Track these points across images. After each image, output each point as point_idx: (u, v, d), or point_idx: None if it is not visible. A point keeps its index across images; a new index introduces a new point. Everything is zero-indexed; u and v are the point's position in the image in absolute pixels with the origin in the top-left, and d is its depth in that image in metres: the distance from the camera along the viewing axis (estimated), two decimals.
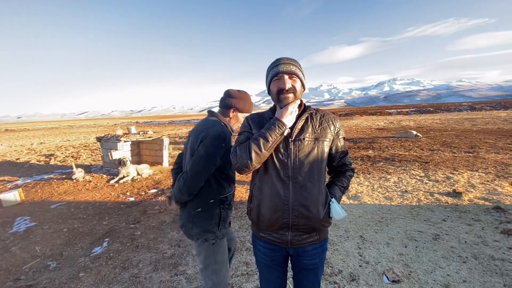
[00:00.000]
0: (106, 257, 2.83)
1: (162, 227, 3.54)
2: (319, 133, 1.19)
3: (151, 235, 3.33)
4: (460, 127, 14.36)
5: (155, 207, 4.29)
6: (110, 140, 7.01)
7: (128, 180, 6.13)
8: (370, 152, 8.16)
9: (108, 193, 5.24)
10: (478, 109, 32.69)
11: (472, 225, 3.12)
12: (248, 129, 1.25)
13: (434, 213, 3.52)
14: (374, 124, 19.73)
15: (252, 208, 1.25)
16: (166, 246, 3.03)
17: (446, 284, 2.14)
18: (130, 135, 7.04)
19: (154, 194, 5.04)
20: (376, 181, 5.18)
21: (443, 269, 2.33)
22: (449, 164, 6.05)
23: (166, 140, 7.53)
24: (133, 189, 5.50)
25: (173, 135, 19.80)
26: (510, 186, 4.41)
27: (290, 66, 1.16)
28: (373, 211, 3.72)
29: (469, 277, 2.20)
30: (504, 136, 10.11)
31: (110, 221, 3.84)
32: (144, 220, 3.80)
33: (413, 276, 2.26)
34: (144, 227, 3.55)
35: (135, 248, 3.01)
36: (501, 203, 3.66)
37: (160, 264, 2.65)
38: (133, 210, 4.22)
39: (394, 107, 61.11)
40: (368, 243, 2.84)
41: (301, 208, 1.14)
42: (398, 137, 11.26)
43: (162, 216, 3.90)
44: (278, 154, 1.15)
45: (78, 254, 2.93)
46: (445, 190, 4.36)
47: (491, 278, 2.17)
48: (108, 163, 7.19)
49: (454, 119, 20.78)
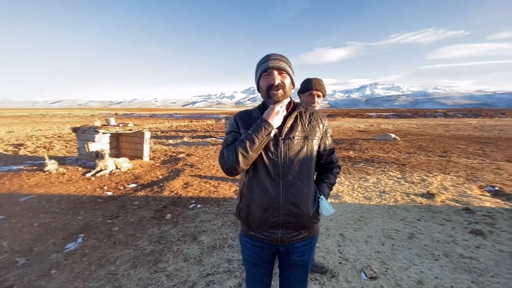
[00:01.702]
0: (80, 253, 2.70)
1: (142, 223, 3.43)
2: (308, 131, 1.20)
3: (129, 231, 3.21)
4: (434, 132, 15.13)
5: (135, 202, 4.15)
6: (87, 131, 6.69)
7: (106, 174, 5.89)
8: (351, 153, 8.39)
9: (83, 187, 5.00)
10: (451, 116, 34.61)
11: (444, 225, 3.30)
12: (236, 129, 1.22)
13: (409, 213, 3.68)
14: (355, 126, 20.32)
15: (242, 207, 1.23)
16: (145, 242, 2.94)
17: (420, 280, 2.25)
18: (109, 127, 6.75)
19: (134, 189, 4.87)
20: (356, 181, 5.33)
21: (417, 266, 2.44)
22: (424, 167, 6.35)
23: (148, 133, 7.31)
24: (111, 183, 5.28)
25: (154, 129, 19.28)
26: (478, 189, 4.70)
27: (280, 62, 1.15)
28: (353, 210, 3.83)
29: (440, 274, 2.32)
30: (474, 142, 10.78)
31: (85, 216, 3.66)
32: (123, 215, 3.67)
33: (389, 273, 2.35)
34: (122, 223, 3.42)
35: (113, 245, 2.90)
36: (470, 205, 3.90)
37: (139, 261, 2.56)
38: (111, 205, 4.05)
39: (374, 110, 63.33)
40: (347, 241, 2.92)
41: (292, 206, 1.14)
42: (377, 139, 11.66)
43: (142, 211, 3.78)
44: (268, 153, 1.14)
45: (50, 250, 2.77)
46: (420, 192, 4.57)
47: (460, 275, 2.30)
48: (84, 156, 6.86)
49: (430, 124, 21.86)
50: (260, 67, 1.18)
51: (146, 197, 4.40)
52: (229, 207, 3.91)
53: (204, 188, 4.84)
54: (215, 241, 2.93)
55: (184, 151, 8.96)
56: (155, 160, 7.47)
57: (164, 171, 6.21)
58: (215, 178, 5.54)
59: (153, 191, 4.66)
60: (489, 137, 12.48)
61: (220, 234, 3.10)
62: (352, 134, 14.39)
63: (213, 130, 18.05)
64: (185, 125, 24.25)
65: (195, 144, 10.75)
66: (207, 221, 3.45)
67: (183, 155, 8.07)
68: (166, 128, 20.02)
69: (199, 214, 3.69)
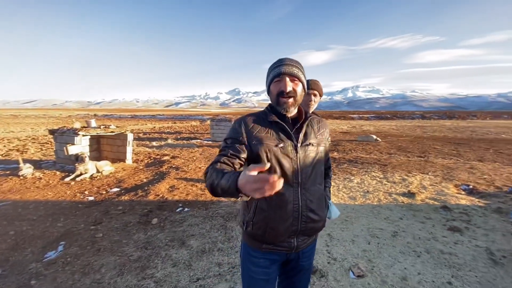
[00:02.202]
0: (62, 262, 2.57)
1: (127, 228, 3.33)
2: (320, 138, 1.23)
3: (114, 237, 3.11)
4: (413, 134, 15.81)
5: (118, 207, 4.02)
6: (66, 133, 6.40)
7: (87, 178, 5.65)
8: (336, 154, 8.59)
9: (62, 192, 4.78)
10: (428, 118, 36.33)
11: (425, 222, 3.46)
12: (239, 137, 1.12)
13: (392, 212, 3.82)
14: (339, 128, 20.82)
15: (257, 221, 1.13)
16: (132, 248, 2.85)
17: (404, 276, 2.34)
18: (90, 129, 6.50)
19: (117, 193, 4.71)
20: (341, 181, 5.46)
21: (401, 263, 2.54)
22: (404, 167, 6.62)
23: (130, 135, 7.10)
24: (92, 187, 5.08)
25: (136, 130, 18.77)
26: (454, 188, 4.97)
27: (293, 68, 1.12)
28: (339, 210, 3.92)
29: (423, 270, 2.43)
30: (449, 143, 11.38)
31: (66, 222, 3.50)
32: (106, 221, 3.54)
33: (375, 271, 2.43)
34: (106, 229, 3.30)
35: (97, 252, 2.79)
36: (448, 203, 4.11)
37: (125, 267, 2.49)
38: (93, 211, 3.90)
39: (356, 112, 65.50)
40: (335, 241, 2.99)
41: (311, 213, 1.14)
42: (360, 140, 12.02)
43: (127, 216, 3.67)
44: (287, 160, 1.10)
45: (29, 259, 2.62)
46: (401, 191, 4.76)
47: (441, 270, 2.43)
48: (62, 159, 6.55)
49: (408, 126, 22.82)
50: (272, 71, 1.15)
51: (130, 201, 4.28)
52: (218, 210, 3.89)
53: (191, 191, 4.77)
54: (204, 245, 2.90)
55: (169, 153, 8.79)
56: (139, 163, 7.27)
57: (148, 174, 6.06)
58: (202, 180, 5.48)
59: (137, 195, 4.53)
60: (462, 138, 13.22)
61: (209, 238, 3.07)
62: (336, 136, 14.73)
63: (198, 132, 17.83)
64: (168, 126, 23.78)
65: (180, 146, 10.57)
66: (195, 225, 3.41)
67: (168, 158, 7.92)
68: (149, 130, 19.53)
69: (187, 218, 3.64)
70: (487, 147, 10.08)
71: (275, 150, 1.10)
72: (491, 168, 6.62)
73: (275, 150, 1.10)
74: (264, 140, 1.11)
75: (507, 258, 2.59)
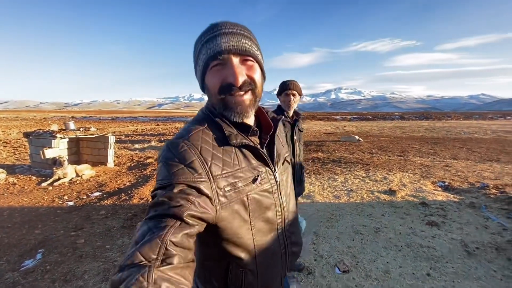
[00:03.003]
0: (41, 270, 2.46)
1: (111, 233, 3.23)
2: (286, 148, 0.93)
3: (97, 242, 3.01)
4: (393, 134, 16.43)
5: (101, 211, 3.89)
6: (43, 136, 6.11)
7: (65, 182, 5.43)
8: (320, 155, 8.76)
9: (39, 198, 4.56)
10: (406, 119, 37.87)
11: (405, 218, 3.61)
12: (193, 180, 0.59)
13: (375, 209, 3.96)
14: (323, 129, 21.24)
15: (240, 285, 0.73)
16: (116, 253, 2.77)
17: (386, 270, 2.44)
18: (68, 132, 6.25)
19: (99, 198, 4.56)
20: (325, 181, 5.59)
21: (383, 258, 2.64)
22: (385, 166, 6.87)
23: (112, 137, 6.90)
24: (72, 192, 4.89)
25: (118, 132, 18.21)
26: (431, 185, 5.23)
27: (241, 39, 0.65)
28: (324, 209, 4.02)
29: (403, 263, 2.54)
30: (426, 142, 11.93)
31: (44, 229, 3.35)
32: (88, 226, 3.42)
33: (359, 266, 2.52)
34: (88, 234, 3.19)
35: (79, 258, 2.69)
36: (426, 199, 4.32)
37: (110, 273, 2.42)
38: (74, 216, 3.75)
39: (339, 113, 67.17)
40: (321, 239, 3.06)
41: (293, 247, 0.87)
42: (343, 141, 12.33)
43: (110, 221, 3.56)
44: (269, 200, 0.75)
45: (4, 269, 2.48)
46: (383, 189, 4.94)
47: (421, 263, 2.55)
48: (38, 163, 6.24)
49: (388, 126, 23.67)
50: (204, 47, 0.65)
51: (113, 205, 4.15)
52: None
53: None
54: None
55: (152, 155, 8.61)
56: (121, 166, 7.06)
57: (131, 177, 5.91)
58: None
59: (120, 199, 4.41)
60: (438, 138, 13.90)
61: None
62: (320, 136, 15.02)
63: None
64: (151, 128, 23.25)
65: None
66: None
67: (152, 160, 7.75)
68: (131, 132, 19.01)
69: None
70: (461, 146, 10.66)
71: (252, 191, 0.70)
72: (464, 165, 7.01)
73: (253, 190, 0.70)
74: (237, 180, 0.67)
75: (480, 249, 2.77)
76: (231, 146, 0.68)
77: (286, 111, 2.16)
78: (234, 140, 0.67)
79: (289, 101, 2.12)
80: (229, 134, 0.68)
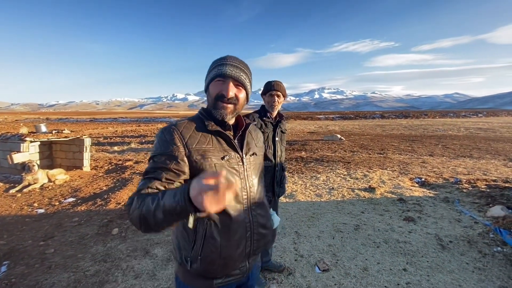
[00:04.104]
0: (5, 284, 2.28)
1: (84, 241, 3.06)
2: (259, 146, 1.15)
3: (68, 251, 2.84)
4: (374, 132, 16.90)
5: (74, 218, 3.69)
6: (10, 140, 5.73)
7: (36, 188, 5.12)
8: (303, 154, 8.84)
9: (7, 206, 4.26)
10: (386, 117, 39.14)
11: (383, 215, 3.69)
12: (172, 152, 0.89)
13: (355, 207, 4.02)
14: (306, 128, 21.50)
15: (206, 254, 0.91)
16: (88, 262, 2.63)
17: (365, 267, 2.47)
18: (39, 135, 5.90)
19: (72, 204, 4.33)
20: (308, 179, 5.63)
21: (362, 255, 2.68)
22: (366, 164, 7.03)
23: (88, 140, 6.59)
24: (43, 199, 4.61)
25: (96, 134, 17.50)
26: (409, 181, 5.40)
27: (241, 72, 0.98)
28: (306, 207, 4.03)
29: (381, 259, 2.59)
30: (405, 140, 12.36)
31: (10, 239, 3.12)
32: (59, 235, 3.23)
33: (339, 264, 2.53)
34: (59, 243, 3.01)
35: (47, 269, 2.52)
36: (403, 195, 4.44)
37: (81, 284, 2.28)
38: (44, 224, 3.53)
39: (322, 113, 68.59)
40: (302, 238, 3.06)
41: (261, 229, 1.02)
42: (326, 140, 12.53)
43: (83, 228, 3.39)
44: (234, 175, 0.96)
45: None
46: (363, 186, 5.04)
47: (398, 258, 2.60)
48: (6, 168, 5.85)
49: (369, 125, 24.35)
50: (215, 68, 0.97)
51: (88, 211, 3.95)
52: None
53: None
54: (170, 253, 2.78)
55: (132, 158, 8.33)
56: (98, 170, 6.77)
57: (108, 181, 5.67)
58: None
59: (96, 205, 4.20)
60: (416, 135, 14.45)
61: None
62: (304, 136, 15.18)
63: None
64: (132, 129, 22.54)
65: (145, 150, 10.08)
66: (161, 232, 3.25)
67: (131, 163, 7.49)
68: (110, 134, 18.33)
69: None
70: (437, 142, 11.14)
71: (221, 165, 0.93)
72: (439, 161, 7.31)
73: (222, 164, 0.93)
74: (207, 153, 0.93)
75: (453, 243, 2.87)
76: (208, 133, 0.96)
77: (269, 112, 2.13)
78: (210, 128, 0.96)
79: (273, 102, 2.09)
80: (208, 124, 0.96)
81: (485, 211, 3.64)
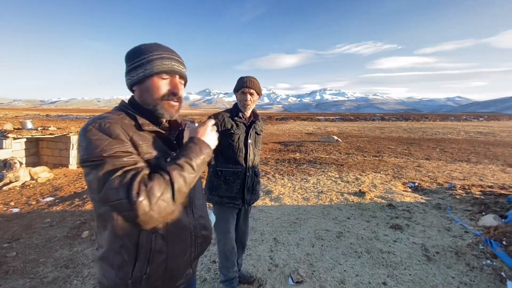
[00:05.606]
0: None
1: (50, 244, 2.91)
2: None
3: (31, 255, 2.68)
4: (372, 134, 16.70)
5: (46, 219, 3.53)
6: None
7: (17, 187, 4.98)
8: (297, 155, 8.66)
9: None
10: (387, 120, 38.87)
11: (370, 221, 3.51)
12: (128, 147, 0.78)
13: (341, 212, 3.85)
14: (304, 129, 21.31)
15: (153, 272, 0.81)
16: (49, 268, 2.47)
17: (342, 280, 2.29)
18: (23, 131, 5.76)
19: (49, 203, 4.18)
20: (298, 182, 5.45)
21: (341, 266, 2.50)
22: (359, 167, 6.85)
23: (75, 137, 6.45)
24: (21, 197, 4.47)
25: None
26: (401, 186, 5.21)
27: (184, 68, 0.98)
28: (291, 212, 3.86)
29: (361, 271, 2.41)
30: (402, 143, 12.15)
31: None
32: (26, 236, 3.07)
33: (315, 275, 2.36)
34: (23, 246, 2.85)
35: (4, 274, 2.37)
36: (393, 201, 4.26)
37: None
38: (13, 225, 3.38)
39: (323, 114, 68.42)
40: (280, 245, 2.88)
41: (203, 231, 0.98)
42: (322, 141, 12.34)
43: (53, 230, 3.23)
44: None
45: None
46: (353, 190, 4.86)
47: (378, 270, 2.42)
48: None
49: (369, 127, 24.12)
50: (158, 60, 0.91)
51: (62, 212, 3.80)
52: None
53: None
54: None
55: None
56: None
57: None
58: None
59: (73, 205, 4.05)
60: (414, 138, 14.24)
61: None
62: (300, 137, 15.00)
63: None
64: None
65: None
66: None
67: None
68: None
69: None
70: (435, 146, 10.93)
71: None
72: (435, 165, 7.12)
73: None
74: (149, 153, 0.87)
75: (439, 254, 2.69)
76: (144, 132, 0.85)
77: (242, 111, 1.93)
78: (146, 127, 0.85)
79: (245, 100, 1.86)
80: (142, 123, 0.85)
81: (477, 220, 3.45)
